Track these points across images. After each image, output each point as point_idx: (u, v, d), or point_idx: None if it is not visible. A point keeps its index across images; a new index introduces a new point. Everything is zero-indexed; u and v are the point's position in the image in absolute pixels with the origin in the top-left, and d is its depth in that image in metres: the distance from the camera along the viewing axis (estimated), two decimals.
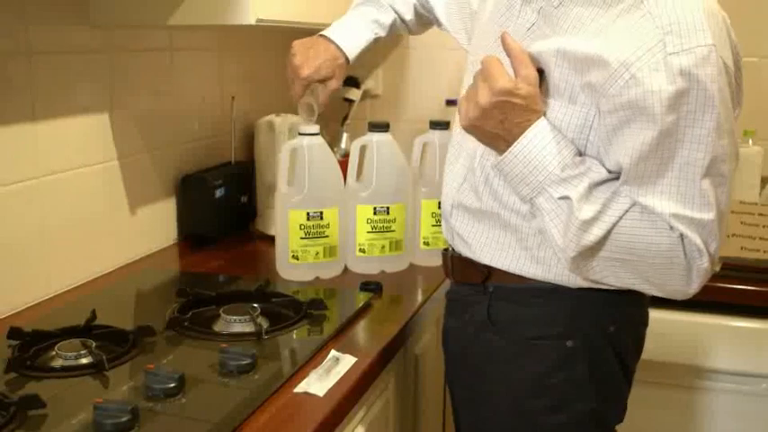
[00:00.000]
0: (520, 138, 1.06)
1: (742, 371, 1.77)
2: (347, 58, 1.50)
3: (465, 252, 1.25)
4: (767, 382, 1.76)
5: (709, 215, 1.02)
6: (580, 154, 1.07)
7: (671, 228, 1.02)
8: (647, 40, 0.98)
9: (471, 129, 1.10)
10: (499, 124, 1.06)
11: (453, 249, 1.30)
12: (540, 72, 1.08)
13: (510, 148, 1.07)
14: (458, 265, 1.29)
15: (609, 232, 1.04)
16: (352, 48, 1.51)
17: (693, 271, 1.05)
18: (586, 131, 1.06)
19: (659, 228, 1.03)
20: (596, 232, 1.03)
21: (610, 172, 1.06)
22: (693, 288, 1.07)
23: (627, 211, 1.04)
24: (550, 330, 1.17)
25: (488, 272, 1.22)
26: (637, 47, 0.98)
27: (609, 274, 1.09)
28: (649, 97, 0.97)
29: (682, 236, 1.02)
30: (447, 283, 1.37)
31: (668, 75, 0.96)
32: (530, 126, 1.06)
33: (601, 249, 1.05)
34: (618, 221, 1.04)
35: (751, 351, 1.75)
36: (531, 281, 1.18)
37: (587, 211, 1.03)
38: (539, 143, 1.05)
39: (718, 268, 1.14)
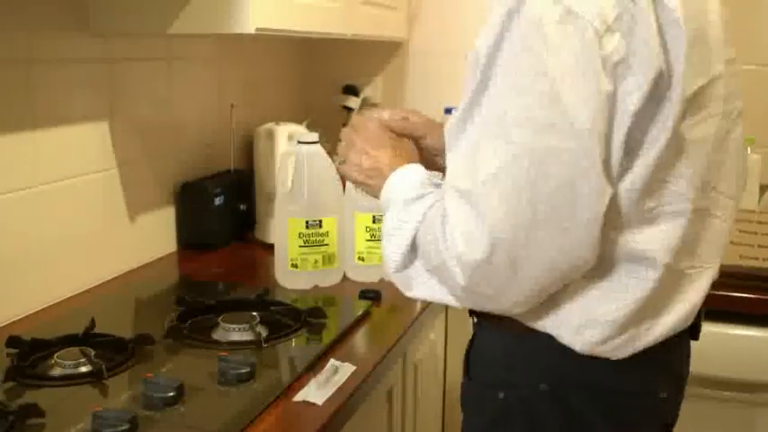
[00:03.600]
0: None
1: (741, 379, 1.76)
2: None
3: None
4: (766, 390, 1.76)
5: (465, 184, 0.89)
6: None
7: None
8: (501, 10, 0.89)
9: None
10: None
11: None
12: None
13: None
14: None
15: (411, 240, 0.98)
16: None
17: (451, 270, 0.91)
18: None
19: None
20: (396, 241, 1.00)
21: None
22: (462, 287, 0.92)
23: (426, 211, 0.97)
24: (490, 376, 1.05)
25: None
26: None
27: (424, 291, 1.01)
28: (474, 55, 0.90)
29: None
30: None
31: (492, 28, 0.88)
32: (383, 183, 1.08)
33: (413, 261, 1.00)
34: (418, 227, 0.98)
35: (750, 359, 1.75)
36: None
37: (387, 219, 1.02)
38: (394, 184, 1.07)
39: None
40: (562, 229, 0.86)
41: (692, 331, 1.07)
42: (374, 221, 1.68)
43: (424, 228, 0.97)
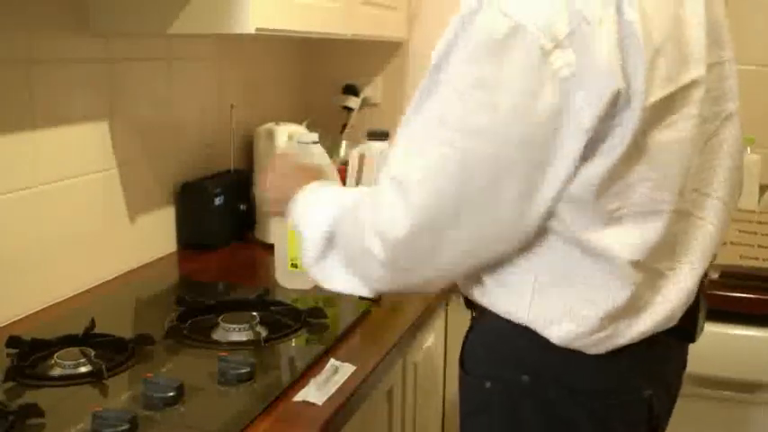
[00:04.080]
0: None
1: (740, 379, 1.77)
2: None
3: None
4: (765, 390, 1.76)
5: (386, 171, 0.98)
6: None
7: None
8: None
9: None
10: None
11: None
12: None
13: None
14: None
15: (327, 233, 1.07)
16: None
17: (372, 249, 0.99)
18: None
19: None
20: (310, 236, 1.10)
21: None
22: (382, 262, 0.99)
23: (342, 207, 1.07)
24: (479, 367, 1.08)
25: None
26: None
27: (336, 277, 1.09)
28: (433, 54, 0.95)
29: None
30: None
31: (447, 33, 0.93)
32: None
33: (329, 254, 1.08)
34: (334, 222, 1.07)
35: (750, 359, 1.75)
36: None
37: (300, 219, 1.14)
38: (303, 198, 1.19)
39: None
40: (485, 223, 0.93)
41: (688, 334, 1.07)
42: None
43: (344, 218, 1.05)
